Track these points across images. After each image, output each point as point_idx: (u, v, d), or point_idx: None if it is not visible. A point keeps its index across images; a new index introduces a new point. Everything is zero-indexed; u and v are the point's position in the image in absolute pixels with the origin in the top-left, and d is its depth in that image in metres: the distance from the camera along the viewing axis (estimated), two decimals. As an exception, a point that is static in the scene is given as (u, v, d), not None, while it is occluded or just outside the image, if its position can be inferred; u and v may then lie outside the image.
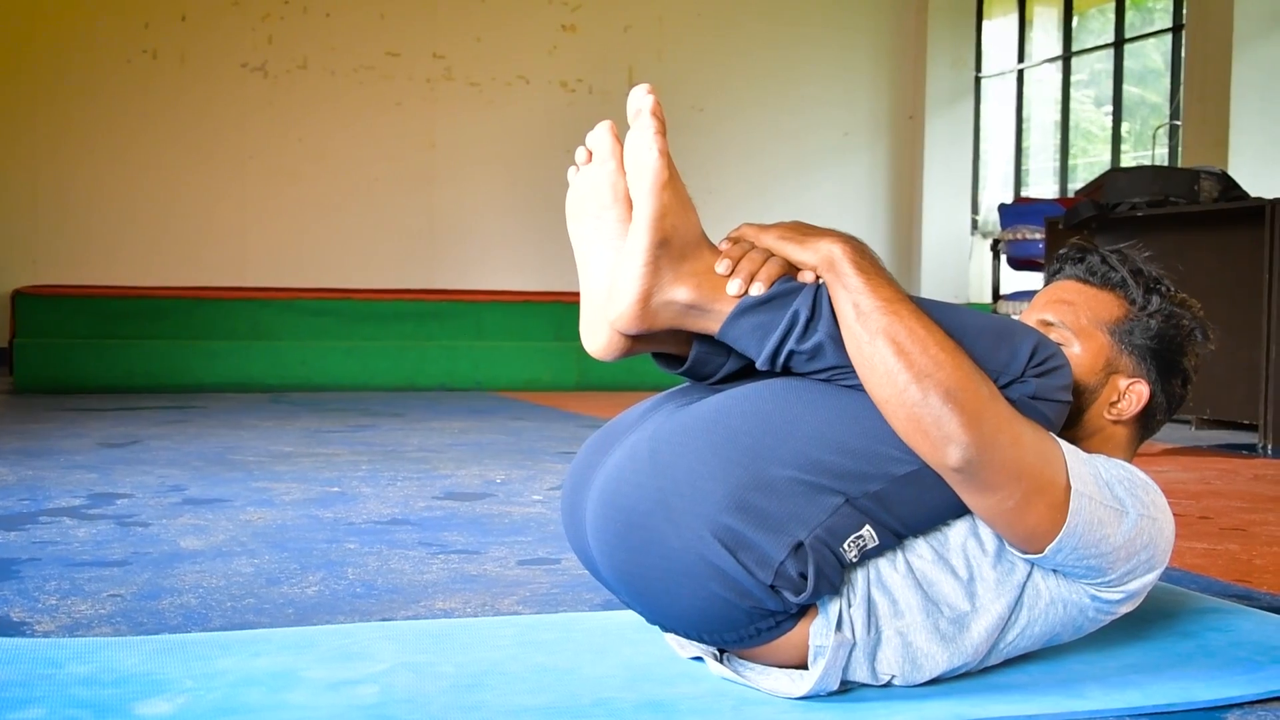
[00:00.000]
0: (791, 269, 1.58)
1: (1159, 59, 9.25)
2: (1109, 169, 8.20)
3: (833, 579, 1.53)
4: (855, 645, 1.59)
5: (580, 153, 1.62)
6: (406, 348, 7.61)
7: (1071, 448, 1.60)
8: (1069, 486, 1.55)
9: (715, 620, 1.56)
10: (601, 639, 1.89)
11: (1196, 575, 2.56)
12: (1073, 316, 1.77)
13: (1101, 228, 5.90)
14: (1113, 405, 1.76)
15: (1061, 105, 10.03)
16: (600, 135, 1.60)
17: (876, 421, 1.52)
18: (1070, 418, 1.67)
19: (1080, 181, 9.59)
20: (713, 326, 1.57)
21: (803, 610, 1.57)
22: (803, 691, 1.58)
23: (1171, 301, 1.78)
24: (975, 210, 10.92)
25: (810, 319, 1.54)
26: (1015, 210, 7.96)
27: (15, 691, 1.61)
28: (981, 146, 10.96)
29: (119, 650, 1.80)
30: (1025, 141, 10.56)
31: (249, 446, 4.53)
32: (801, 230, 1.59)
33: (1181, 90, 8.38)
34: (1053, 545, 1.55)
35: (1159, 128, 8.80)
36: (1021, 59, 10.49)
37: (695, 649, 1.74)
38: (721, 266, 1.56)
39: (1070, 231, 5.87)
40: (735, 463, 1.52)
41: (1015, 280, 8.50)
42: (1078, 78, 10.00)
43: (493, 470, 4.02)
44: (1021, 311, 1.97)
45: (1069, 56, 9.97)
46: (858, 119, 10.69)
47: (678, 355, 1.65)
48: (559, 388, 7.64)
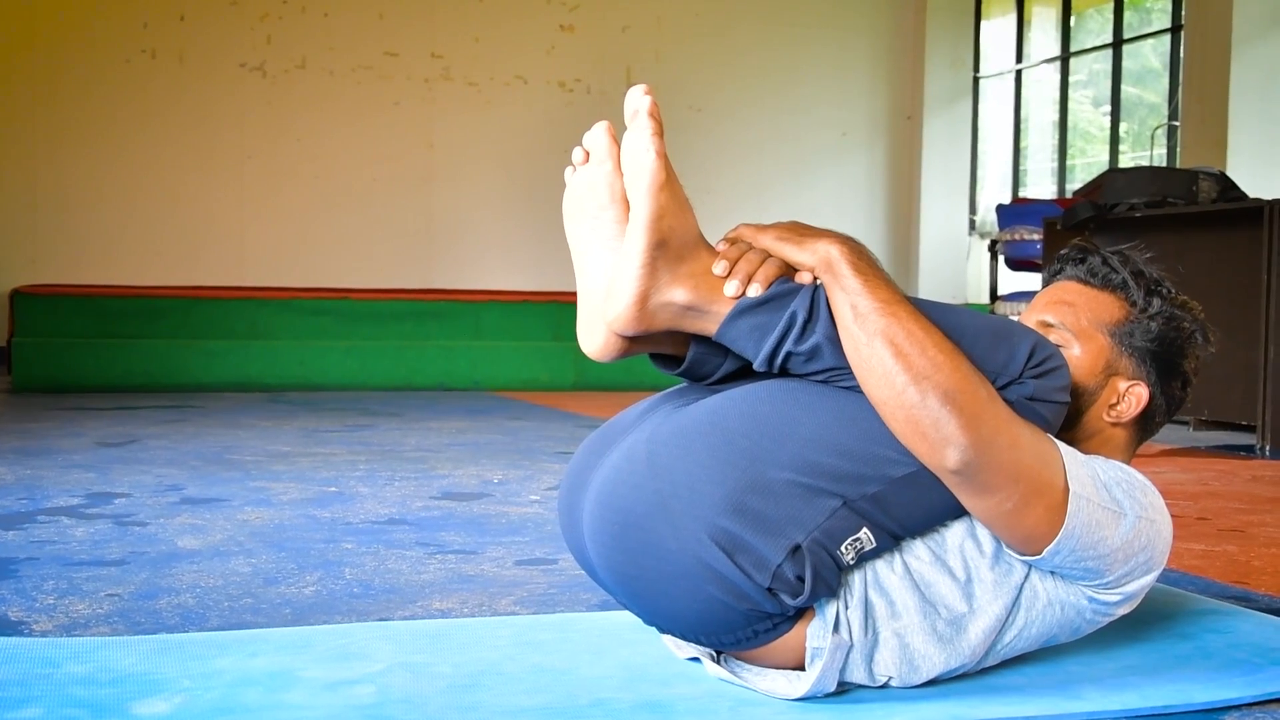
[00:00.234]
0: (789, 270, 1.57)
1: (1157, 59, 9.25)
2: (1107, 169, 8.19)
3: (830, 581, 1.53)
4: (852, 647, 1.58)
5: (577, 153, 1.61)
6: (404, 347, 7.60)
7: (1069, 449, 1.60)
8: (1067, 488, 1.55)
9: (712, 622, 1.56)
10: (599, 639, 1.89)
11: (1194, 577, 2.56)
12: (1073, 318, 1.76)
13: (1100, 228, 5.90)
14: (1112, 407, 1.75)
15: (1060, 105, 10.03)
16: (597, 136, 1.60)
17: (874, 423, 1.52)
18: (1069, 419, 1.67)
19: (1078, 182, 9.59)
20: (710, 327, 1.56)
21: (800, 612, 1.57)
22: (800, 693, 1.58)
23: (1172, 304, 1.77)
24: (973, 211, 10.92)
25: (808, 320, 1.53)
26: (1013, 211, 7.97)
27: (13, 691, 1.61)
28: (980, 147, 10.96)
29: (116, 650, 1.80)
30: (1023, 142, 10.56)
31: (247, 446, 4.53)
32: (799, 231, 1.59)
33: (1180, 91, 8.38)
34: (1051, 547, 1.55)
35: (1157, 128, 8.80)
36: (1020, 59, 10.50)
37: (692, 650, 1.74)
38: (719, 267, 1.56)
39: (1068, 232, 5.87)
40: (733, 465, 1.52)
41: (1013, 281, 8.51)
42: (1076, 78, 10.01)
43: (490, 470, 4.02)
44: (1019, 312, 1.97)
45: (1067, 57, 9.97)
46: (856, 119, 10.69)
47: (675, 356, 1.64)
48: (557, 388, 7.63)
